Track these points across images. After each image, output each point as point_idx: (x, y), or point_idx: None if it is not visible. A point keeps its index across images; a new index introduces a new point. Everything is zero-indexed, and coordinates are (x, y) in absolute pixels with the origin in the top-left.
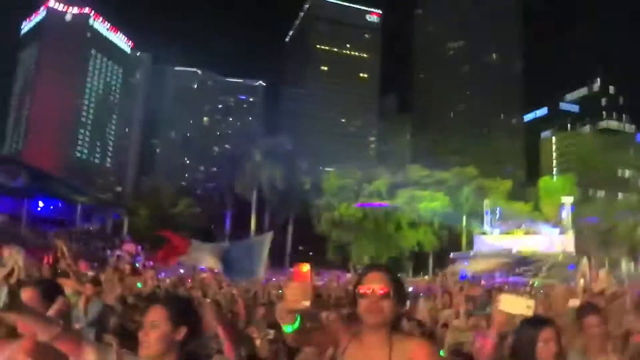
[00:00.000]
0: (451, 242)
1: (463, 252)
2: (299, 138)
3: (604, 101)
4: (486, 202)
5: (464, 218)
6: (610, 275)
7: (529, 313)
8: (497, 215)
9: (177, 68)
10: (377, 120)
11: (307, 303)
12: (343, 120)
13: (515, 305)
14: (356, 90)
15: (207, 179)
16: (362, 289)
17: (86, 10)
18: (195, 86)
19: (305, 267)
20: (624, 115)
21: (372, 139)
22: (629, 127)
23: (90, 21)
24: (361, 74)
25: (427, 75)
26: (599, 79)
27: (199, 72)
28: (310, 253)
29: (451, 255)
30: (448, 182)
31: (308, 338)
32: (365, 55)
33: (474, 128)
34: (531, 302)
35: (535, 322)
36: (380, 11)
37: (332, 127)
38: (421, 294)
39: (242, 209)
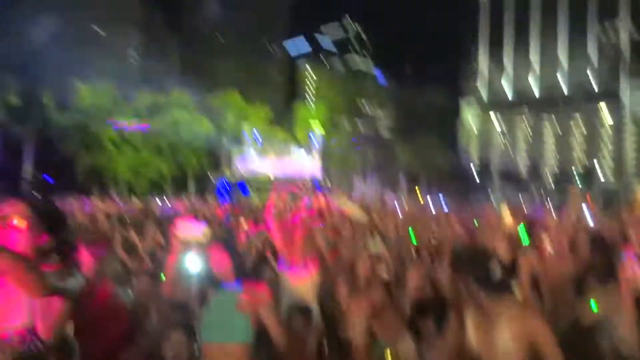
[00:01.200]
0: (212, 166)
1: (225, 177)
2: (44, 45)
3: (352, 36)
4: (247, 126)
5: (226, 142)
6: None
7: (204, 239)
8: (257, 140)
9: None
10: (141, 34)
11: None
12: (99, 29)
13: (190, 231)
14: None
15: None
16: None
17: None
18: None
19: None
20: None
21: (134, 54)
22: (368, 62)
23: None
24: None
25: None
26: (349, 15)
27: None
28: (55, 179)
29: (213, 180)
30: (212, 105)
31: None
32: None
33: (240, 53)
34: (207, 231)
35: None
36: None
37: (86, 35)
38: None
39: None
